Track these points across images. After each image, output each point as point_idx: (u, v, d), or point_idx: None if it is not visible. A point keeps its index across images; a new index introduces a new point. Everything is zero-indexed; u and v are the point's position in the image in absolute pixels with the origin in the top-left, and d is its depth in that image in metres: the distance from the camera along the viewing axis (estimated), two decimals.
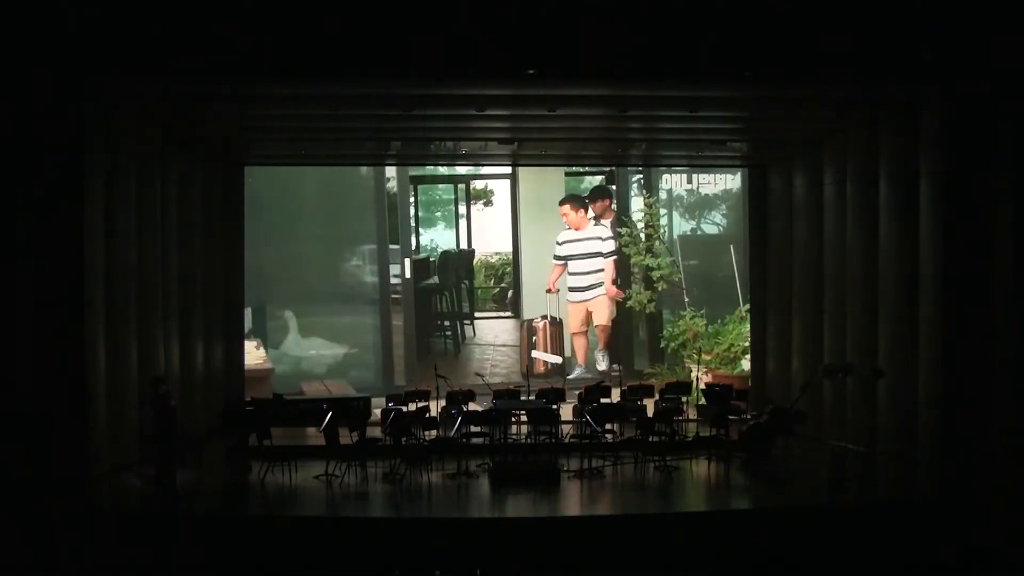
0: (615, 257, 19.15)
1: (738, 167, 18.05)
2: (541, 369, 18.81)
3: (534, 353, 18.89)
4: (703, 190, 19.86)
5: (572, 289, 19.10)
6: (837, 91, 13.31)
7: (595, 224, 19.14)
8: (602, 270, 19.00)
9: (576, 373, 18.86)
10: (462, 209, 21.06)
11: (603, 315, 19.12)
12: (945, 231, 12.69)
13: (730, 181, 19.33)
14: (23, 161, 11.73)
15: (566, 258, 19.13)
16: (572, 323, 19.14)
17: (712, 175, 18.95)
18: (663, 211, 20.14)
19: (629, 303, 19.12)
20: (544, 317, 19.17)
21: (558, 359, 19.04)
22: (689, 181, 18.32)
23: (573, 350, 19.23)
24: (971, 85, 12.29)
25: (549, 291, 19.13)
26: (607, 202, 19.40)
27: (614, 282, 19.09)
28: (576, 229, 19.03)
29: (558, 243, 19.12)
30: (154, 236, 14.22)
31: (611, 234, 19.16)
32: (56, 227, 11.91)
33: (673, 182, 18.57)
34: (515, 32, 11.54)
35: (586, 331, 19.16)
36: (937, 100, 12.75)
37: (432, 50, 11.59)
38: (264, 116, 14.73)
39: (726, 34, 11.78)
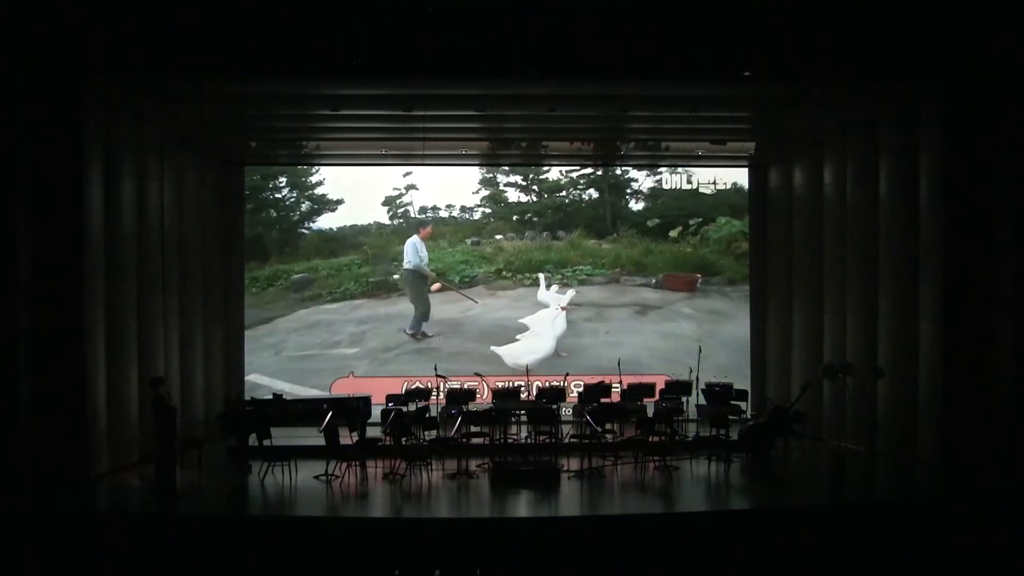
0: None
1: (738, 166, 18.00)
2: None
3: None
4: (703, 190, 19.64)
5: None
6: (837, 91, 13.32)
7: None
8: None
9: None
10: None
11: None
12: (945, 231, 12.70)
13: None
14: (23, 161, 11.74)
15: None
16: None
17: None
18: None
19: None
20: None
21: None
22: (689, 181, 18.18)
23: None
24: (971, 85, 12.29)
25: None
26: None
27: None
28: None
29: None
30: (154, 236, 14.23)
31: None
32: (56, 227, 11.93)
33: (674, 182, 18.37)
34: (514, 32, 11.57)
35: None
36: (937, 100, 12.76)
37: (432, 50, 11.62)
38: (264, 116, 14.75)
39: (726, 34, 11.79)
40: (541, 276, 18.18)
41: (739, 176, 18.18)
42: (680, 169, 18.03)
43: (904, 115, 13.48)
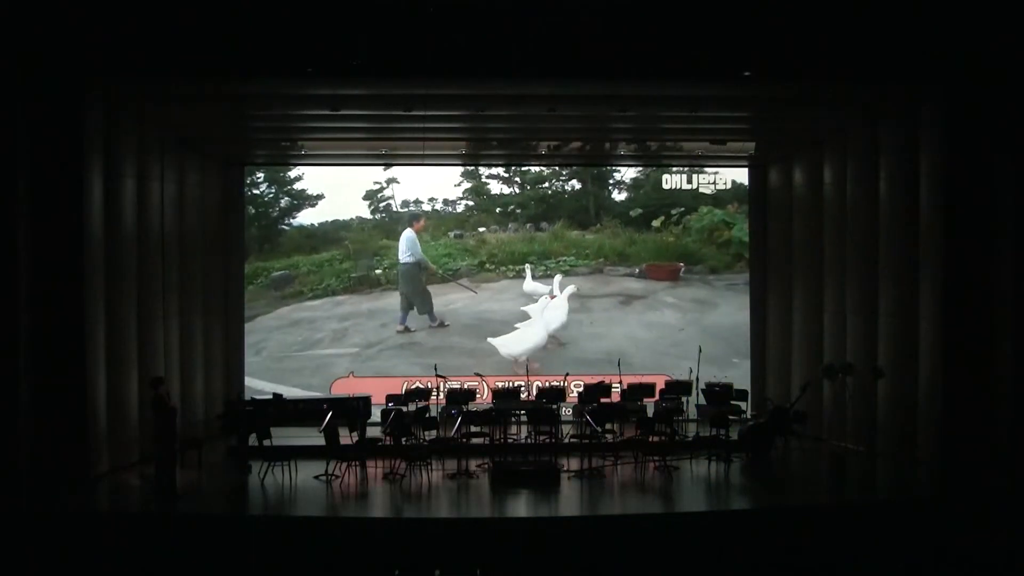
0: None
1: (738, 166, 17.99)
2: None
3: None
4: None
5: None
6: (837, 91, 13.31)
7: None
8: None
9: None
10: None
11: None
12: (945, 231, 12.70)
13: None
14: (23, 161, 11.74)
15: None
16: None
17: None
18: None
19: None
20: None
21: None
22: (689, 181, 18.16)
23: None
24: (971, 85, 12.29)
25: None
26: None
27: None
28: None
29: None
30: (154, 236, 14.22)
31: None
32: (56, 227, 11.93)
33: (673, 182, 18.36)
34: (514, 32, 11.57)
35: None
36: (937, 100, 12.76)
37: (432, 50, 11.62)
38: (264, 116, 14.75)
39: (726, 34, 11.79)
40: (527, 267, 18.18)
41: (737, 176, 18.20)
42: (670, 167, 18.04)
43: (904, 115, 13.48)
